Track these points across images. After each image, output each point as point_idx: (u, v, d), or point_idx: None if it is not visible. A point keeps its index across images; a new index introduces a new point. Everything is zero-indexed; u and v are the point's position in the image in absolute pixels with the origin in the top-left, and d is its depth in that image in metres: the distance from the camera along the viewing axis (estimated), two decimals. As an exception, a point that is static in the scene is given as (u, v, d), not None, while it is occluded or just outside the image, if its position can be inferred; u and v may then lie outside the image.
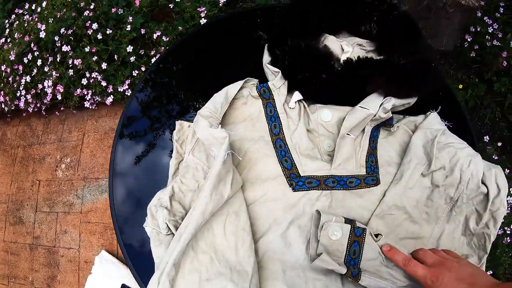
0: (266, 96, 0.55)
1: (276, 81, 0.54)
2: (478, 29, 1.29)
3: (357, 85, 0.52)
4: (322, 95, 0.54)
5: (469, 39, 1.31)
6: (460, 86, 1.37)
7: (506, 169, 1.15)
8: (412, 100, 0.54)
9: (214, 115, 0.50)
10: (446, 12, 1.18)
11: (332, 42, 0.58)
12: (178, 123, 0.56)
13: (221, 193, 0.43)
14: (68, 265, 1.30)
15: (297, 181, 0.48)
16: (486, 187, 0.47)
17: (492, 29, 1.28)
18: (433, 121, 0.53)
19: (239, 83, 0.54)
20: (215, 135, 0.45)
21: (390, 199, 0.48)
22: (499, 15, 1.31)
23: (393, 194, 0.48)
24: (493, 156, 1.15)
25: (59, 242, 1.34)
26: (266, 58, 0.57)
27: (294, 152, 0.50)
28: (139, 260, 0.54)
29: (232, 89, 0.53)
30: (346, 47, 0.58)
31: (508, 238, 1.13)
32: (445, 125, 0.54)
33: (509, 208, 1.08)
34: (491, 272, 1.11)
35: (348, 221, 0.43)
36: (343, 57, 0.58)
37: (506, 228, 1.13)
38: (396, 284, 0.41)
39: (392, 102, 0.51)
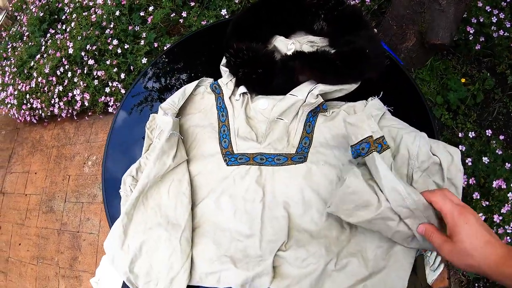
0: (217, 91, 0.66)
1: (224, 78, 0.65)
2: (481, 20, 1.25)
3: (289, 76, 0.61)
4: (262, 88, 0.64)
5: (471, 31, 1.27)
6: (463, 80, 1.34)
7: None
8: (348, 87, 0.59)
9: (172, 107, 0.63)
10: (439, 4, 1.20)
11: (279, 42, 0.67)
12: (151, 116, 0.68)
13: (164, 162, 0.55)
14: (88, 248, 1.49)
15: (231, 157, 0.58)
16: (438, 157, 0.48)
17: (496, 19, 1.24)
18: (373, 107, 0.57)
19: (195, 82, 0.66)
20: (164, 120, 0.57)
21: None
22: (505, 4, 1.27)
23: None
24: (497, 151, 1.11)
25: (82, 228, 1.54)
26: (223, 60, 0.68)
27: (233, 135, 0.60)
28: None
29: (189, 87, 0.65)
30: (291, 45, 0.66)
31: (508, 237, 1.10)
32: (387, 109, 0.58)
33: (509, 205, 1.06)
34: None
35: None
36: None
37: (506, 227, 1.10)
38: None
39: (319, 88, 0.58)
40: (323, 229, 0.52)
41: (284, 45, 0.67)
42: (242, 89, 0.64)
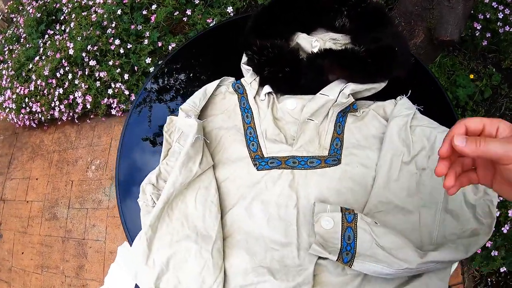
0: (240, 91, 0.63)
1: (248, 77, 0.62)
2: (488, 16, 1.26)
3: (318, 75, 0.58)
4: (289, 87, 0.61)
5: (478, 27, 1.28)
6: (471, 76, 1.34)
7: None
8: (377, 85, 0.57)
9: (193, 108, 0.59)
10: (448, 1, 1.19)
11: (302, 40, 0.65)
12: (168, 118, 0.64)
13: (190, 168, 0.51)
14: (95, 255, 1.45)
15: (261, 162, 0.55)
16: None
17: (502, 15, 1.25)
18: (402, 107, 0.56)
19: (216, 82, 0.63)
20: (187, 123, 0.54)
21: (374, 198, 0.49)
22: (510, 0, 1.27)
23: (375, 193, 0.50)
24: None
25: (88, 235, 1.50)
26: (243, 58, 0.65)
27: (261, 137, 0.57)
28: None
29: (210, 86, 0.62)
30: (315, 43, 0.64)
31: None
32: (416, 108, 0.56)
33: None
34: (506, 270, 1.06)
35: (345, 208, 0.45)
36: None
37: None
38: (393, 266, 0.41)
39: (351, 87, 0.56)
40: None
41: (308, 42, 0.64)
42: (268, 88, 0.61)
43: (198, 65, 0.78)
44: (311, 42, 0.64)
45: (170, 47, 1.51)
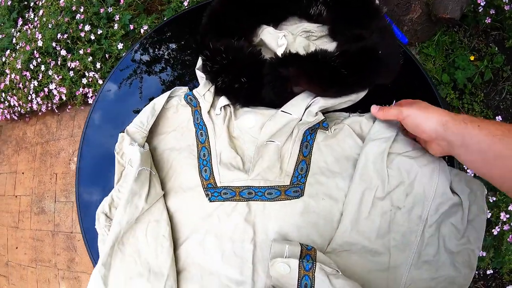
0: (193, 103, 0.55)
1: (201, 88, 0.54)
2: None
3: (281, 86, 0.49)
4: (247, 99, 0.53)
5: (482, 3, 1.16)
6: (472, 58, 1.24)
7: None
8: (354, 97, 0.48)
9: (140, 130, 0.53)
10: None
11: (267, 35, 0.54)
12: (120, 136, 0.55)
13: (136, 205, 0.46)
14: (83, 248, 1.45)
15: (213, 192, 0.49)
16: (458, 196, 0.41)
17: None
18: (381, 126, 0.47)
19: (166, 94, 0.55)
20: (130, 152, 0.48)
21: (339, 238, 0.44)
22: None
23: (341, 233, 0.44)
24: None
25: (75, 228, 1.49)
26: (198, 63, 0.56)
27: (214, 161, 0.51)
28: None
29: (158, 101, 0.55)
30: (281, 40, 0.53)
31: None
32: (399, 128, 0.47)
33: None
34: (492, 271, 1.04)
35: (305, 249, 0.41)
36: (278, 52, 0.54)
37: (512, 223, 1.03)
38: None
39: (319, 103, 0.47)
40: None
41: (274, 38, 0.54)
42: (224, 101, 0.53)
43: (172, 52, 0.69)
44: (277, 38, 0.53)
45: (142, 30, 1.40)
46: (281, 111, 0.49)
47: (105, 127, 0.67)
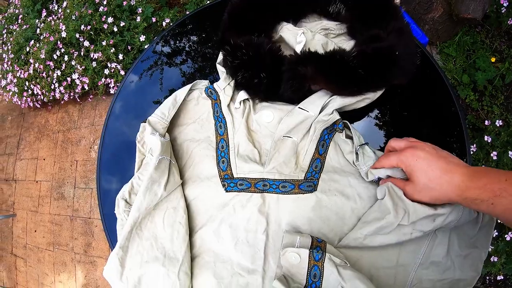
0: (214, 97, 0.57)
1: (221, 82, 0.56)
2: None
3: (299, 83, 0.50)
4: (266, 95, 0.54)
5: (505, 4, 1.13)
6: (493, 59, 1.21)
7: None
8: (372, 95, 0.49)
9: (161, 120, 0.55)
10: None
11: (287, 32, 0.55)
12: (142, 126, 0.57)
13: (155, 192, 0.48)
14: (101, 234, 1.51)
15: (229, 183, 0.51)
16: None
17: None
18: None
19: (187, 87, 0.57)
20: (151, 142, 0.50)
21: (352, 235, 0.44)
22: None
23: (354, 231, 0.45)
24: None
25: (93, 214, 1.55)
26: (219, 57, 0.58)
27: (232, 153, 0.52)
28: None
29: (180, 93, 0.56)
30: (300, 37, 0.54)
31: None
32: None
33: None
34: (503, 277, 1.02)
35: (316, 241, 0.42)
36: (297, 49, 0.55)
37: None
38: None
39: (337, 102, 0.48)
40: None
41: (293, 35, 0.55)
42: (243, 95, 0.54)
43: (193, 44, 0.70)
44: (296, 35, 0.55)
45: (164, 23, 1.43)
46: (299, 107, 0.50)
47: (126, 117, 0.69)
